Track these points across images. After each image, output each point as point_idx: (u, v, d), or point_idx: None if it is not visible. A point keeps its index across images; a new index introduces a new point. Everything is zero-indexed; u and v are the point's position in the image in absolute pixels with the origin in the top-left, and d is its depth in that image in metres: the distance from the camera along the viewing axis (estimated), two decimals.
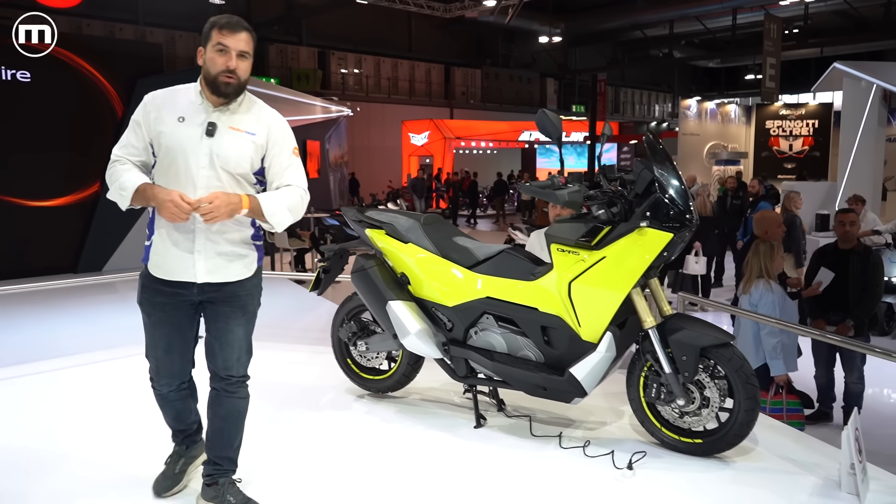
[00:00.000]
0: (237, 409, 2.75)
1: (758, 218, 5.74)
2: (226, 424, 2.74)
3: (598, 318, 3.13)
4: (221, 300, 2.64)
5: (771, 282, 4.82)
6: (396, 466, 3.15)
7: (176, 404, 2.86)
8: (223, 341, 2.67)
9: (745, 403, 3.01)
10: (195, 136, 2.53)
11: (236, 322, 2.67)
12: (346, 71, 28.52)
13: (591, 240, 3.14)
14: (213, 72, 2.51)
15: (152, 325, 2.69)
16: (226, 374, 2.69)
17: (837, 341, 3.42)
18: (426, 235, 3.59)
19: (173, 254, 2.59)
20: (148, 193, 2.50)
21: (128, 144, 2.61)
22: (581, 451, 3.24)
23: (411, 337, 3.48)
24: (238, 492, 2.74)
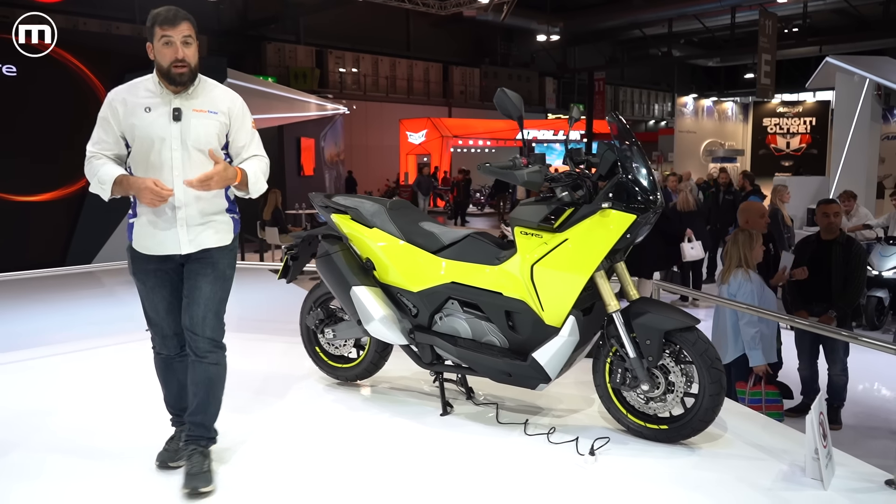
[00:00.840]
0: (208, 375, 2.85)
1: (742, 208, 5.68)
2: (197, 390, 2.86)
3: (560, 301, 3.08)
4: (198, 261, 2.84)
5: (750, 271, 4.76)
6: (358, 454, 3.10)
7: (179, 375, 2.94)
8: (190, 298, 2.83)
9: (710, 388, 2.96)
10: (164, 123, 2.72)
11: (204, 279, 2.83)
12: (344, 70, 28.49)
13: (553, 222, 3.09)
14: (165, 64, 2.70)
15: (149, 291, 2.87)
16: (191, 331, 2.81)
17: (811, 327, 3.36)
18: (391, 220, 3.54)
19: (158, 231, 2.78)
20: (125, 183, 2.69)
21: (99, 140, 2.77)
22: (545, 438, 3.19)
23: (375, 323, 3.43)
24: (201, 461, 2.80)
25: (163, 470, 2.92)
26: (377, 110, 27.92)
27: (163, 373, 3.00)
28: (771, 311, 4.41)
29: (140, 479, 2.86)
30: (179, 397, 2.98)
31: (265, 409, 3.62)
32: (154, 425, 3.23)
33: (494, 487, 2.78)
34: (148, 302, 2.89)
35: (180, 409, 3.00)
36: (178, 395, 2.99)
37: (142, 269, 2.85)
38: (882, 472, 2.85)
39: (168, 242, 2.79)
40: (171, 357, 2.95)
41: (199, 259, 2.84)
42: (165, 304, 2.88)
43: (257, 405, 3.67)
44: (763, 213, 5.47)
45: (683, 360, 3.06)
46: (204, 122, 2.78)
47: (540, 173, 3.04)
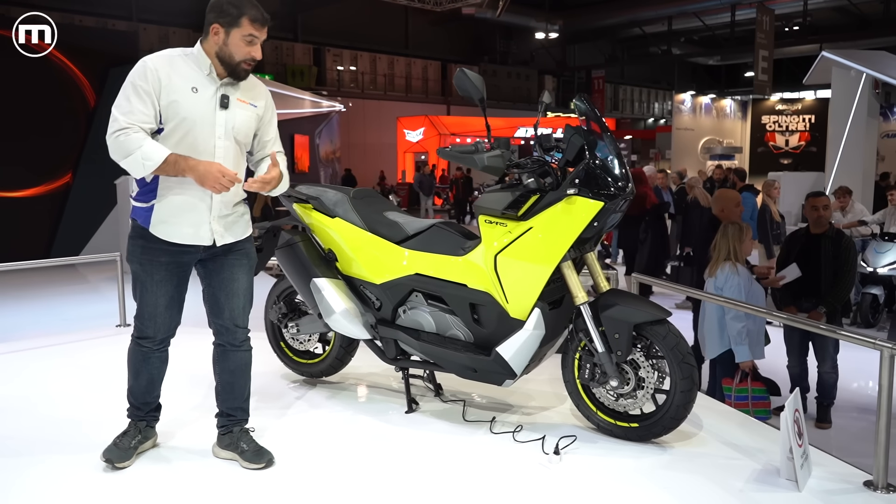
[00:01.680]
0: (244, 361, 2.89)
1: (716, 196, 5.54)
2: (235, 378, 2.87)
3: (525, 293, 2.93)
4: (228, 254, 2.78)
5: (738, 265, 4.62)
6: (315, 453, 2.96)
7: (155, 368, 2.84)
8: (229, 291, 2.78)
9: (682, 384, 2.81)
10: (211, 108, 2.62)
11: (242, 270, 2.81)
12: (342, 68, 28.34)
13: (517, 210, 2.94)
14: (238, 58, 2.62)
15: (155, 285, 2.71)
16: (233, 324, 2.80)
17: (801, 323, 3.21)
18: (354, 209, 3.40)
19: (188, 219, 2.65)
20: (182, 164, 2.54)
21: (135, 111, 2.53)
22: (511, 437, 3.04)
23: (336, 316, 3.29)
24: (251, 440, 2.85)
25: (109, 471, 2.73)
26: (375, 108, 27.76)
27: (138, 364, 2.83)
28: (758, 307, 4.27)
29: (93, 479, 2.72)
30: (147, 390, 2.87)
31: None
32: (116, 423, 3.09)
33: (454, 487, 2.64)
34: (149, 295, 2.72)
35: (144, 402, 2.88)
36: (146, 388, 2.86)
37: (154, 259, 2.68)
38: (861, 473, 2.71)
39: (201, 232, 2.67)
40: (151, 350, 2.81)
41: (232, 251, 2.79)
42: (167, 299, 2.74)
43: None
44: (738, 201, 5.32)
45: (654, 355, 2.92)
46: (246, 114, 2.72)
47: (501, 158, 2.90)
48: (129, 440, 2.83)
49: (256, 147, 2.86)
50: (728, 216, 5.50)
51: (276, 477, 2.73)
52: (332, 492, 2.61)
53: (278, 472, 2.76)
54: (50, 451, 2.95)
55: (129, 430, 2.87)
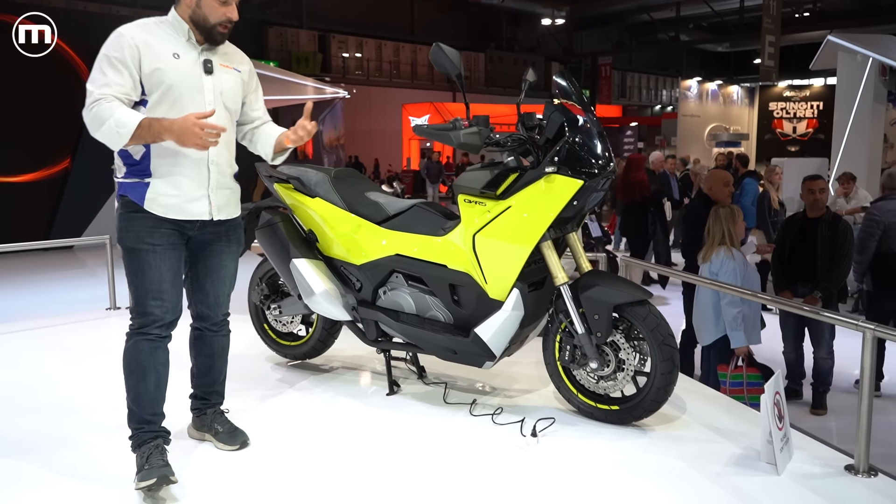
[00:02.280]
0: (224, 345, 2.83)
1: (707, 175, 5.47)
2: (214, 361, 2.80)
3: (504, 273, 2.89)
4: (216, 236, 2.65)
5: (732, 249, 4.55)
6: (293, 434, 2.93)
7: (162, 364, 2.53)
8: (216, 277, 2.69)
9: (662, 366, 2.76)
10: (196, 74, 2.50)
11: (230, 257, 2.72)
12: (347, 54, 28.21)
13: (496, 188, 2.89)
14: (213, 20, 2.51)
15: (158, 256, 2.48)
16: (217, 311, 2.74)
17: (786, 305, 3.15)
18: (334, 189, 3.35)
19: (187, 193, 2.51)
20: (157, 127, 2.34)
21: (111, 83, 2.36)
22: (490, 419, 3.00)
23: (315, 297, 3.25)
24: (225, 420, 2.82)
25: (157, 490, 2.34)
26: (380, 95, 27.65)
27: (144, 362, 2.49)
28: (752, 291, 4.20)
29: None
30: (157, 395, 2.53)
31: None
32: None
33: (429, 469, 2.60)
34: (153, 271, 2.46)
35: (153, 412, 2.52)
36: (155, 392, 2.52)
37: (150, 233, 2.47)
38: (843, 457, 2.66)
39: (198, 206, 2.52)
40: (159, 338, 2.52)
41: (219, 233, 2.65)
42: (172, 272, 2.52)
43: None
44: (728, 181, 5.25)
45: (635, 337, 2.87)
46: (233, 78, 2.61)
47: (478, 135, 2.84)
48: (157, 458, 2.39)
49: (246, 119, 2.77)
50: (716, 195, 5.43)
51: (252, 458, 2.70)
52: (307, 474, 2.58)
53: (254, 454, 2.73)
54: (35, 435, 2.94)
55: (148, 452, 2.42)
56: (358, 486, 2.47)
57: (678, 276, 4.60)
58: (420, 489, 2.44)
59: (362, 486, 2.47)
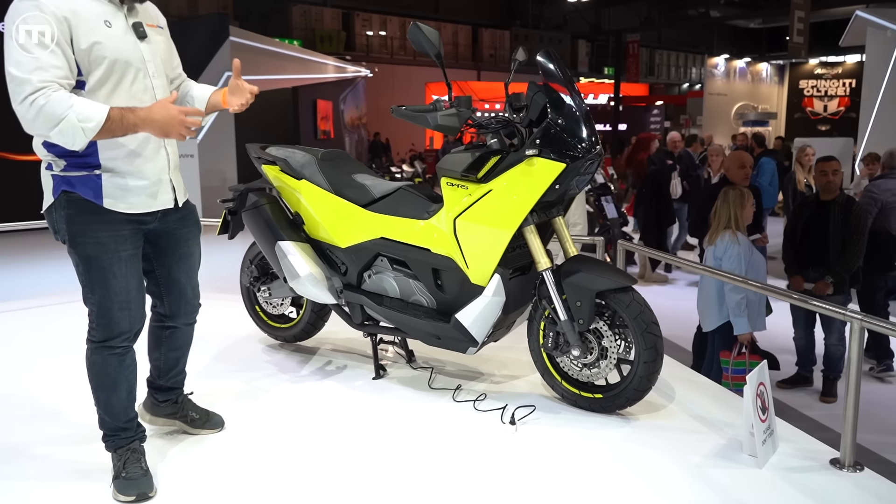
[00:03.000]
0: (189, 335, 2.64)
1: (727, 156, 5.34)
2: (184, 352, 2.65)
3: (485, 258, 2.83)
4: (179, 223, 2.42)
5: (738, 233, 4.43)
6: (274, 417, 2.92)
7: (132, 372, 2.33)
8: (188, 268, 2.49)
9: (645, 355, 2.69)
10: (132, 42, 2.14)
11: (195, 242, 2.52)
12: (371, 32, 28.06)
13: (477, 171, 2.82)
14: None
15: (123, 263, 2.20)
16: (195, 301, 2.56)
17: (778, 294, 3.03)
18: (320, 171, 3.31)
19: (149, 183, 2.23)
20: (131, 118, 2.03)
21: (45, 66, 1.97)
22: (472, 406, 2.97)
23: (300, 280, 3.23)
24: (195, 406, 2.73)
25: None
26: (404, 73, 27.50)
27: (113, 375, 2.27)
28: (750, 280, 4.09)
29: None
30: (129, 402, 2.34)
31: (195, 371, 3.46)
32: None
33: (405, 455, 2.57)
34: (118, 280, 2.19)
35: (129, 419, 2.34)
36: (127, 401, 2.33)
37: (116, 232, 2.18)
38: (829, 450, 2.58)
39: (163, 194, 2.29)
40: (126, 351, 2.28)
41: (184, 221, 2.42)
42: (138, 279, 2.27)
43: None
44: (744, 163, 5.11)
45: (618, 324, 2.80)
46: (163, 40, 2.32)
47: (457, 117, 2.77)
48: (135, 466, 2.27)
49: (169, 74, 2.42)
50: (733, 177, 5.31)
51: (230, 442, 2.70)
52: (282, 458, 2.56)
53: (233, 437, 2.73)
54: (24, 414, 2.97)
55: (125, 457, 2.29)
56: (331, 471, 2.45)
57: (670, 260, 4.45)
58: (393, 476, 2.42)
59: (336, 471, 2.45)
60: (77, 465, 2.47)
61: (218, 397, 3.05)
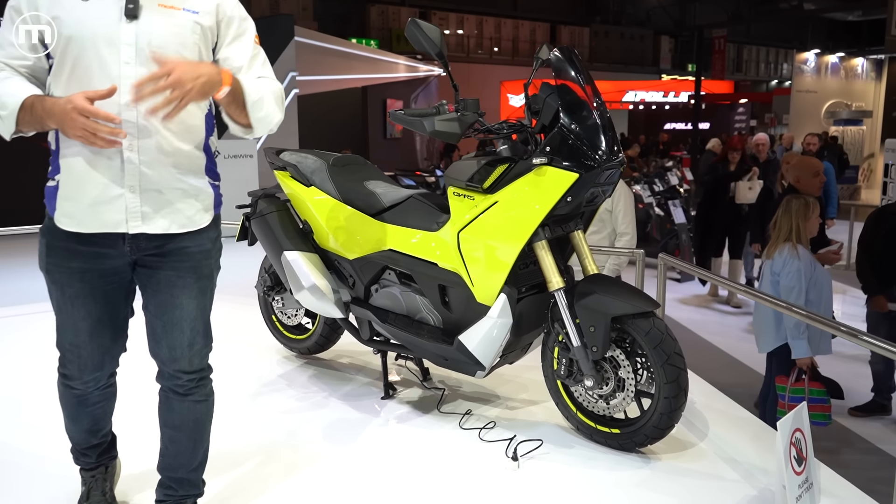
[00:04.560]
0: (193, 415, 2.01)
1: (793, 163, 4.86)
2: (179, 435, 2.01)
3: (490, 276, 2.58)
4: (163, 261, 1.88)
5: (799, 246, 4.01)
6: (275, 434, 2.78)
7: (96, 409, 2.07)
8: (168, 320, 1.90)
9: (666, 389, 2.39)
10: (111, 20, 1.74)
11: (186, 292, 1.90)
12: (449, 31, 27.97)
13: (483, 181, 2.58)
14: None
15: (69, 301, 1.88)
16: (174, 367, 1.93)
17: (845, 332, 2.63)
18: (330, 178, 3.13)
19: (93, 194, 1.78)
20: (39, 109, 1.69)
21: (6, 44, 1.77)
22: (478, 435, 2.73)
23: (305, 293, 3.06)
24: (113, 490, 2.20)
25: None
26: (480, 72, 27.24)
27: (71, 408, 2.06)
28: (788, 304, 3.68)
29: None
30: (93, 431, 2.12)
31: None
32: None
33: (394, 486, 2.37)
34: (65, 317, 1.91)
35: (90, 446, 2.14)
36: (89, 432, 2.11)
37: (60, 265, 1.86)
38: None
39: (108, 212, 1.79)
40: (86, 393, 2.02)
41: (169, 263, 1.88)
42: (90, 323, 1.90)
43: None
44: (818, 170, 4.63)
45: (637, 353, 2.50)
46: (176, 24, 1.80)
47: (457, 122, 2.53)
48: (98, 496, 2.13)
49: None
50: (805, 187, 4.84)
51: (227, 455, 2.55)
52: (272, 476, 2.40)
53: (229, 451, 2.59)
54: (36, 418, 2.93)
55: (89, 483, 2.15)
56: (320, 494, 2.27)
57: (707, 277, 4.00)
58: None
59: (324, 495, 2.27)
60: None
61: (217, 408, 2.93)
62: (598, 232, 4.44)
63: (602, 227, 4.43)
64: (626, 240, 4.41)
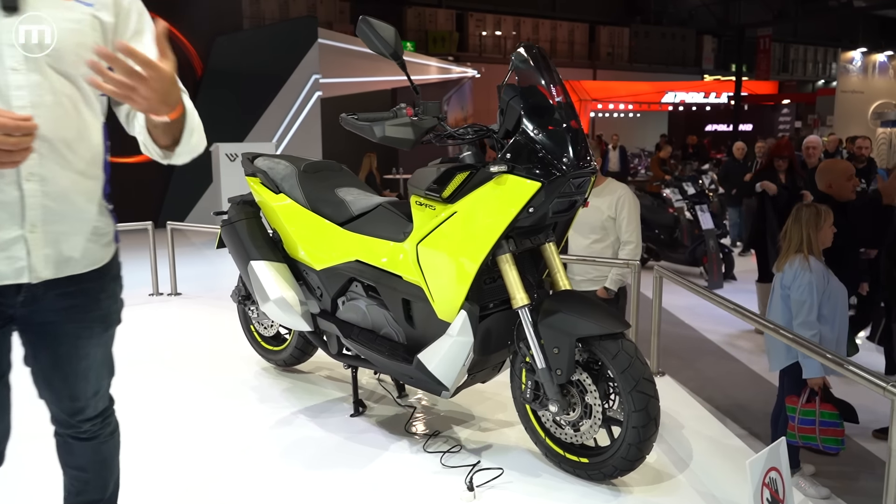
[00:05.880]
0: (103, 454, 1.80)
1: (823, 167, 4.57)
2: (85, 476, 1.80)
3: (450, 291, 2.42)
4: (62, 309, 1.58)
5: (810, 258, 3.74)
6: (229, 449, 2.67)
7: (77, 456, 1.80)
8: (70, 372, 1.64)
9: (634, 418, 2.20)
10: None
11: (94, 341, 1.65)
12: (486, 33, 27.78)
13: (441, 190, 2.41)
14: None
15: None
16: (76, 418, 1.71)
17: (830, 359, 2.38)
18: (299, 185, 3.00)
19: None
20: None
21: None
22: (440, 459, 2.57)
23: (270, 304, 2.94)
24: None
25: None
26: None
27: None
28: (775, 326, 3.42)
29: None
30: None
31: (177, 390, 3.28)
32: None
33: None
34: None
35: None
36: None
37: None
38: None
39: (5, 263, 1.48)
40: None
41: (70, 310, 1.59)
42: None
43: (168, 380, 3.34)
44: (851, 174, 4.33)
45: (604, 378, 2.31)
46: (71, 19, 1.50)
47: (411, 127, 2.36)
48: None
49: None
50: (838, 192, 4.56)
51: (178, 471, 2.45)
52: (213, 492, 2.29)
53: (182, 467, 2.48)
54: None
55: None
56: None
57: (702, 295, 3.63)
58: None
59: None
60: None
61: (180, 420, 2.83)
62: (601, 240, 4.23)
63: (605, 235, 4.22)
64: (630, 249, 4.19)
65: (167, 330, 4.41)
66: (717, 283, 8.49)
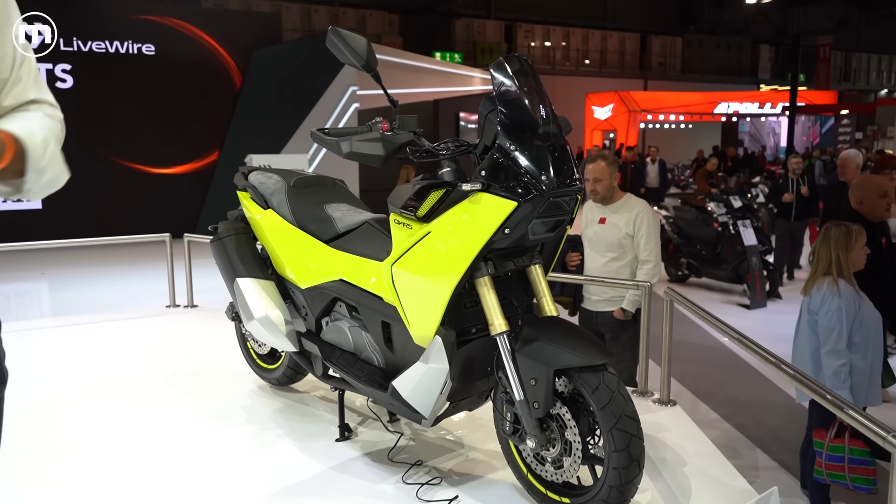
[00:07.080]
0: None
1: (856, 183, 4.28)
2: None
3: (424, 315, 2.28)
4: None
5: (840, 281, 3.49)
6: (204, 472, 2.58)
7: None
8: None
9: (615, 458, 2.02)
10: None
11: None
12: (535, 43, 27.63)
13: (416, 209, 2.28)
14: None
15: None
16: None
17: (831, 401, 2.16)
18: (287, 200, 2.92)
19: None
20: None
21: None
22: (416, 491, 2.43)
23: (254, 323, 2.86)
24: None
25: None
26: (565, 84, 26.74)
27: None
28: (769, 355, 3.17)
29: None
30: None
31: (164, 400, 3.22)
32: None
33: None
34: None
35: None
36: None
37: None
38: None
39: None
40: None
41: None
42: None
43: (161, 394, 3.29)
44: (885, 190, 4.05)
45: (584, 412, 2.14)
46: None
47: (381, 142, 2.23)
48: None
49: None
50: (869, 210, 4.29)
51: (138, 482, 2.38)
52: None
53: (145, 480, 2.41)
54: None
55: None
56: None
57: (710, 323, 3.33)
58: None
59: None
60: None
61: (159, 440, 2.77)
62: (618, 259, 4.05)
63: (623, 253, 4.03)
64: (649, 268, 3.99)
65: (176, 343, 4.40)
66: (761, 302, 8.13)
